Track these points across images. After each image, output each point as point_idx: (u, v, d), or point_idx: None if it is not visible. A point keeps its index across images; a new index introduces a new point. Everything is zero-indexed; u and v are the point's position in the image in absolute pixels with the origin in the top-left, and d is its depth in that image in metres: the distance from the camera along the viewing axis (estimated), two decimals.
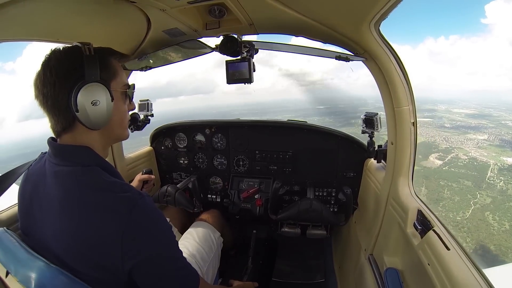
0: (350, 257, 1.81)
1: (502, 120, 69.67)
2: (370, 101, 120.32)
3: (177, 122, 2.17)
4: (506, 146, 52.07)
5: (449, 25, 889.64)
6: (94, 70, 0.71)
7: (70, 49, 0.73)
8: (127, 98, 0.86)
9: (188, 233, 1.54)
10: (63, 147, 0.75)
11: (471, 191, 35.27)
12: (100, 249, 0.66)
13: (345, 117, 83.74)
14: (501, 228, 28.85)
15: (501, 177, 39.30)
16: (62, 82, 0.69)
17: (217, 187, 2.22)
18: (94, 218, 0.67)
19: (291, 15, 0.91)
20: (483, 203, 32.75)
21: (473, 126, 66.00)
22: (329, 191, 1.99)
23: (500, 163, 43.14)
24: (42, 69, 0.70)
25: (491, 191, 35.86)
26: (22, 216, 0.82)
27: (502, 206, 32.35)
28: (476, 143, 53.35)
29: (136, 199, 0.69)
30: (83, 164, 0.73)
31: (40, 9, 0.80)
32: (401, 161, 1.21)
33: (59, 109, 0.71)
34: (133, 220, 0.67)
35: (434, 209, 1.11)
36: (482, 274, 0.76)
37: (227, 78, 1.27)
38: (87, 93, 0.69)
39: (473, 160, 44.46)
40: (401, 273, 1.16)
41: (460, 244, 0.87)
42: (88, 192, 0.69)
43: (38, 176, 0.78)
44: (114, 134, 0.84)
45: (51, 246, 0.70)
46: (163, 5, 0.88)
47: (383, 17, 0.85)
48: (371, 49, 1.05)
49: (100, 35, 1.08)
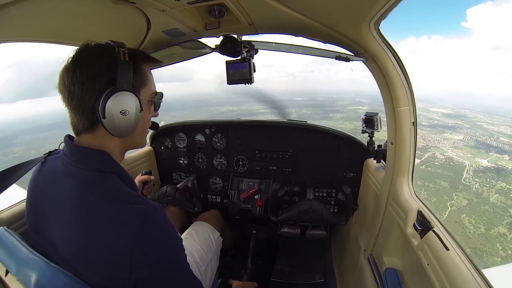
0: (349, 257, 1.81)
1: (477, 121, 71.00)
2: (350, 95, 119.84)
3: (177, 122, 2.18)
4: (481, 147, 52.94)
5: (433, 25, 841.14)
6: (127, 77, 0.69)
7: (103, 48, 0.71)
8: (152, 106, 0.83)
9: (187, 233, 1.55)
10: (80, 149, 0.73)
11: (447, 192, 35.55)
12: (108, 259, 0.64)
13: (324, 110, 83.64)
14: (476, 231, 29.14)
15: (477, 179, 39.79)
16: (92, 83, 0.67)
17: (217, 187, 2.22)
18: (105, 227, 0.65)
19: (291, 15, 0.91)
20: (459, 205, 33.15)
21: (449, 126, 66.97)
22: (329, 191, 1.99)
23: (475, 164, 43.87)
24: (72, 65, 0.68)
25: (467, 193, 36.24)
26: (30, 211, 0.81)
27: (478, 209, 32.72)
28: (452, 143, 54.11)
29: (150, 212, 0.67)
30: (100, 170, 0.71)
31: (40, 9, 0.80)
32: (401, 161, 1.21)
33: (84, 110, 0.69)
34: (145, 233, 0.65)
35: None
36: (481, 275, 0.76)
37: (228, 79, 1.27)
38: (117, 102, 0.67)
39: (449, 160, 44.97)
40: (400, 273, 1.16)
41: (459, 245, 0.87)
42: (102, 201, 0.67)
43: (51, 173, 0.77)
44: (134, 142, 0.83)
45: (58, 246, 0.70)
46: (163, 5, 0.88)
47: (383, 16, 0.85)
48: (371, 49, 1.05)
49: (100, 36, 1.08)
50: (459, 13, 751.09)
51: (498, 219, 31.75)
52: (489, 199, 35.45)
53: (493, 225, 30.49)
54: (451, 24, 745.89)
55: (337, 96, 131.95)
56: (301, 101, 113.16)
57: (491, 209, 33.10)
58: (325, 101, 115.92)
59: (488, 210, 33.02)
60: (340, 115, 66.36)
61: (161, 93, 0.85)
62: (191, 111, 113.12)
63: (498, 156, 49.25)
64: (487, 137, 58.97)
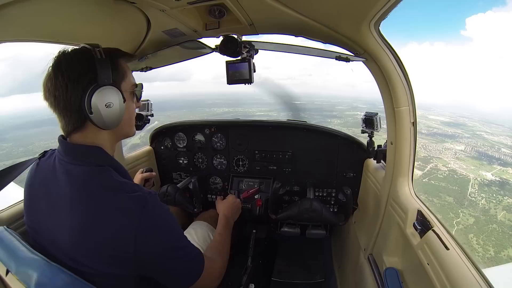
0: (349, 257, 1.81)
1: (476, 130, 69.37)
2: (348, 100, 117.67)
3: (177, 122, 2.18)
4: (483, 158, 51.23)
5: (435, 32, 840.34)
6: (106, 73, 0.74)
7: (80, 51, 0.74)
8: (134, 97, 0.89)
9: (187, 232, 1.54)
10: (75, 147, 0.78)
11: (453, 208, 33.43)
12: (113, 244, 0.68)
13: (321, 114, 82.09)
14: (486, 254, 26.93)
15: (483, 194, 37.92)
16: (74, 85, 0.71)
17: (217, 187, 2.22)
18: (107, 216, 0.69)
19: (291, 15, 0.91)
20: (466, 223, 31.01)
21: (449, 135, 65.32)
22: (329, 191, 1.99)
23: (480, 178, 41.96)
24: (53, 72, 0.72)
25: (473, 209, 34.06)
26: (28, 211, 0.83)
27: (486, 228, 30.74)
28: (454, 153, 52.63)
29: (146, 197, 0.73)
30: (96, 164, 0.76)
31: (40, 9, 0.80)
32: (400, 161, 1.21)
33: (71, 110, 0.73)
34: (144, 217, 0.70)
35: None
36: (481, 274, 0.76)
37: (228, 79, 1.27)
38: (101, 96, 0.72)
39: (453, 173, 43.13)
40: (400, 273, 1.16)
41: (459, 244, 0.88)
42: (101, 191, 0.71)
43: (47, 172, 0.79)
44: (123, 132, 0.88)
45: (58, 241, 0.72)
46: (162, 5, 0.88)
47: (383, 17, 0.85)
48: (371, 49, 1.05)
49: (100, 36, 1.08)
50: (459, 21, 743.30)
51: (508, 240, 29.53)
52: (496, 216, 33.38)
53: (503, 247, 28.28)
54: (449, 30, 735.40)
55: (335, 101, 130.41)
56: (299, 104, 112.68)
57: (499, 228, 30.76)
58: (322, 105, 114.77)
59: (497, 229, 30.66)
60: (338, 120, 65.23)
61: (140, 84, 0.91)
62: (186, 111, 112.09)
63: (501, 168, 47.08)
64: (488, 148, 57.36)
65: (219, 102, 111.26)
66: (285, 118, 2.04)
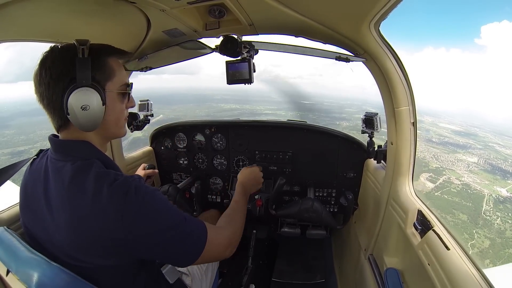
0: (350, 257, 1.81)
1: (488, 142, 65.75)
2: (357, 102, 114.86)
3: (177, 122, 2.17)
4: (497, 173, 47.92)
5: (451, 38, 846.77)
6: (85, 73, 0.71)
7: (66, 49, 0.73)
8: (125, 97, 0.85)
9: None
10: (63, 143, 0.77)
11: (467, 228, 30.17)
12: (104, 235, 0.67)
13: (330, 116, 78.66)
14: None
15: (498, 213, 34.45)
16: (55, 83, 0.70)
17: (217, 187, 2.22)
18: (92, 208, 0.68)
19: (291, 16, 0.91)
20: (481, 247, 27.75)
21: (461, 145, 62.26)
22: (329, 191, 1.99)
23: (494, 194, 38.50)
24: (39, 68, 0.71)
25: (488, 230, 30.98)
26: (24, 212, 0.82)
27: (502, 254, 27.21)
28: (467, 166, 49.56)
29: (129, 182, 0.71)
30: (83, 158, 0.75)
31: (40, 9, 0.81)
32: (401, 161, 1.22)
33: (54, 108, 0.73)
34: (129, 202, 0.68)
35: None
36: (482, 274, 0.76)
37: (227, 79, 1.27)
38: (77, 98, 0.69)
39: (466, 187, 39.63)
40: (401, 273, 1.16)
41: (460, 244, 0.88)
42: (85, 185, 0.70)
43: (40, 172, 0.79)
44: (109, 133, 0.85)
45: (55, 240, 0.71)
46: (163, 5, 0.88)
47: (383, 17, 0.85)
48: (371, 50, 1.05)
49: (100, 36, 1.08)
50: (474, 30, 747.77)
51: None
52: None
53: None
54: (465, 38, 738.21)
55: (344, 103, 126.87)
56: (307, 104, 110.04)
57: None
58: (332, 107, 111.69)
59: None
60: (347, 123, 63.58)
61: (131, 83, 0.87)
62: (193, 105, 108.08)
63: None
64: (501, 161, 53.59)
65: (228, 98, 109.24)
66: (293, 118, 2.03)
